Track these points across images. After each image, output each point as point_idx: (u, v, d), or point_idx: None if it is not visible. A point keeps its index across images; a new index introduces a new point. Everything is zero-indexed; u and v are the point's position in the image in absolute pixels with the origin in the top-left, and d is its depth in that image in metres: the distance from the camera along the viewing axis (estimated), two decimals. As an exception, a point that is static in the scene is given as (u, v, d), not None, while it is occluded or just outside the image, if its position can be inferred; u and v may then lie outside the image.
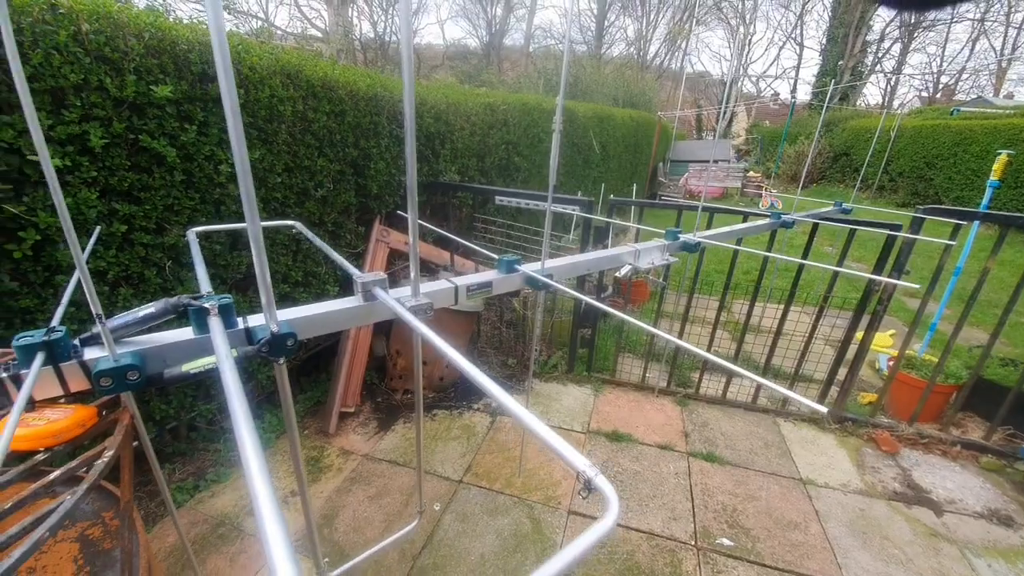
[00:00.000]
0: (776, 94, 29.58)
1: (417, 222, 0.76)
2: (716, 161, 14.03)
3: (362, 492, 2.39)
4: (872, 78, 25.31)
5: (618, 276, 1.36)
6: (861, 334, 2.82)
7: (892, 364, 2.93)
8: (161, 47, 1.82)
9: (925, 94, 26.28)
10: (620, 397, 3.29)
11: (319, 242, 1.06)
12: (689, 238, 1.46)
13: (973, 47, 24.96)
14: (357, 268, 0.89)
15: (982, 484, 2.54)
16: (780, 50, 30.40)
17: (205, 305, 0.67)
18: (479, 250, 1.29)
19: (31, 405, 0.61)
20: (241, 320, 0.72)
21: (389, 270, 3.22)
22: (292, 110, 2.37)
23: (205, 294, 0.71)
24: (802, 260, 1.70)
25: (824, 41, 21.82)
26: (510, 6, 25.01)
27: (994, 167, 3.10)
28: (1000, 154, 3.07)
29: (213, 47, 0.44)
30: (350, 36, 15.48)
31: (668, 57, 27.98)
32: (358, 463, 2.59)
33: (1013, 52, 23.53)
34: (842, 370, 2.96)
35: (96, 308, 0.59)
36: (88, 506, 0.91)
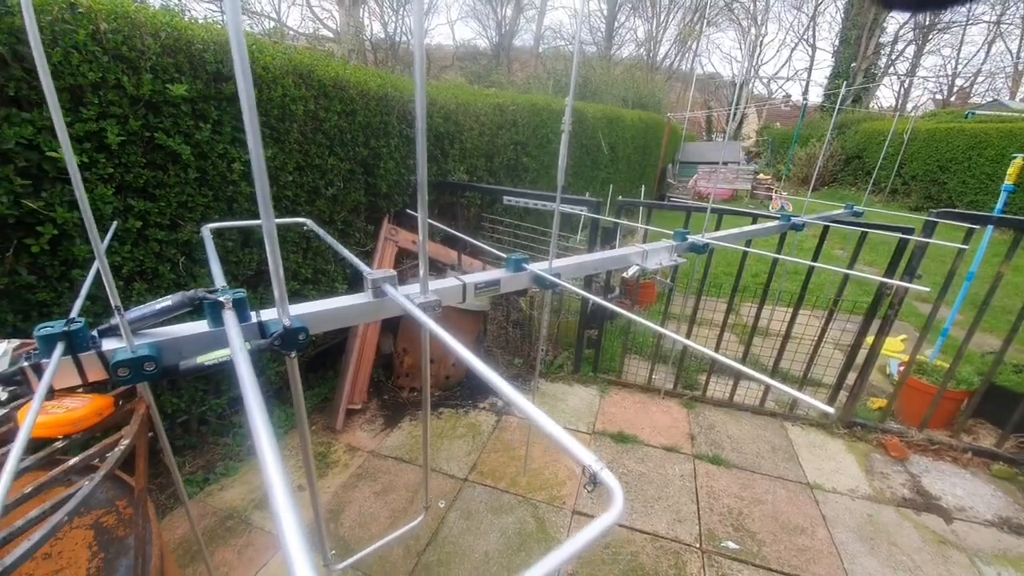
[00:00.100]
0: (788, 96, 29.33)
1: (427, 221, 0.78)
2: (726, 163, 13.94)
3: (368, 488, 2.41)
4: (885, 80, 25.01)
5: (625, 277, 1.37)
6: (871, 338, 2.79)
7: (903, 369, 2.90)
8: (177, 46, 1.85)
9: (939, 97, 25.91)
10: (626, 398, 3.28)
11: (330, 239, 1.08)
12: (697, 239, 1.46)
13: (989, 49, 24.59)
14: (366, 266, 0.91)
15: (993, 492, 2.50)
16: (792, 52, 30.15)
17: (220, 299, 0.68)
18: (487, 249, 1.30)
19: (50, 394, 0.63)
20: (254, 314, 0.74)
21: (397, 268, 3.24)
22: (304, 109, 2.40)
23: (220, 288, 0.73)
24: (812, 263, 1.69)
25: (837, 43, 21.60)
26: (520, 7, 25.04)
27: (1009, 171, 3.06)
28: (1016, 158, 3.03)
29: (232, 47, 0.45)
30: (361, 37, 15.58)
31: (678, 58, 27.87)
32: (364, 459, 2.61)
33: (1031, 55, 23.16)
34: (851, 375, 2.94)
35: (115, 300, 0.61)
36: (102, 494, 0.93)
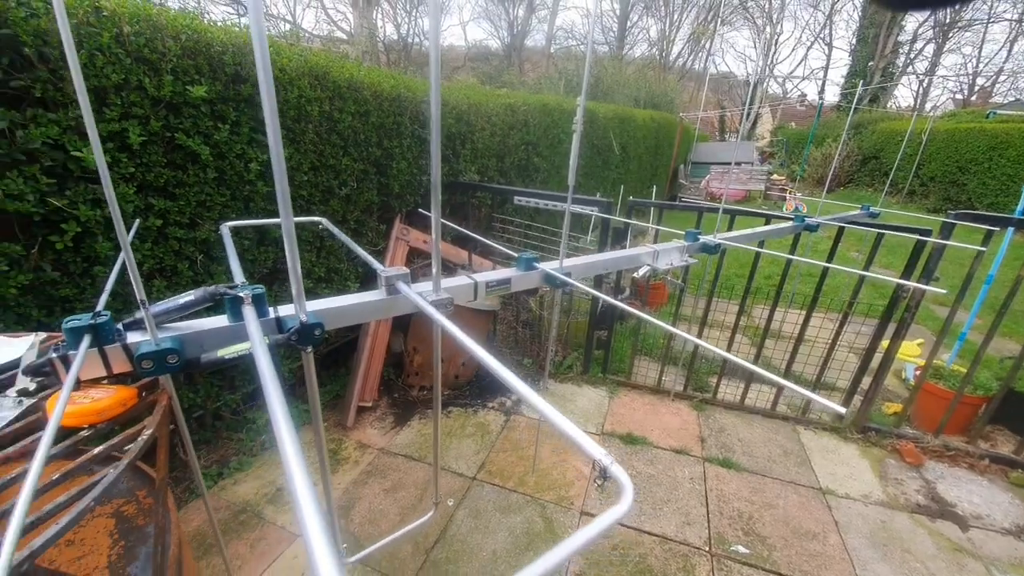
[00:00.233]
0: (803, 95, 28.91)
1: (440, 220, 0.79)
2: (739, 163, 13.80)
3: (378, 485, 2.43)
4: (904, 79, 24.53)
5: (636, 277, 1.37)
6: (887, 342, 2.75)
7: (919, 373, 2.85)
8: (197, 48, 1.89)
9: (959, 96, 25.31)
10: (635, 400, 3.27)
11: (345, 238, 1.10)
12: (709, 239, 1.46)
13: (1011, 48, 23.93)
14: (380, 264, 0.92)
15: (1011, 500, 2.45)
16: (808, 50, 29.68)
17: (240, 294, 0.70)
18: (499, 248, 1.31)
19: (77, 384, 0.65)
20: (272, 310, 0.76)
21: (408, 267, 3.26)
22: (319, 110, 2.43)
23: (239, 284, 0.75)
24: (826, 263, 1.68)
25: (854, 41, 21.25)
26: (532, 7, 25.05)
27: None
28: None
29: (254, 51, 0.46)
30: (374, 38, 15.71)
31: (691, 58, 27.64)
32: (374, 456, 2.64)
33: (1055, 53, 22.55)
34: (866, 379, 2.89)
35: (140, 294, 0.63)
36: (123, 484, 0.96)
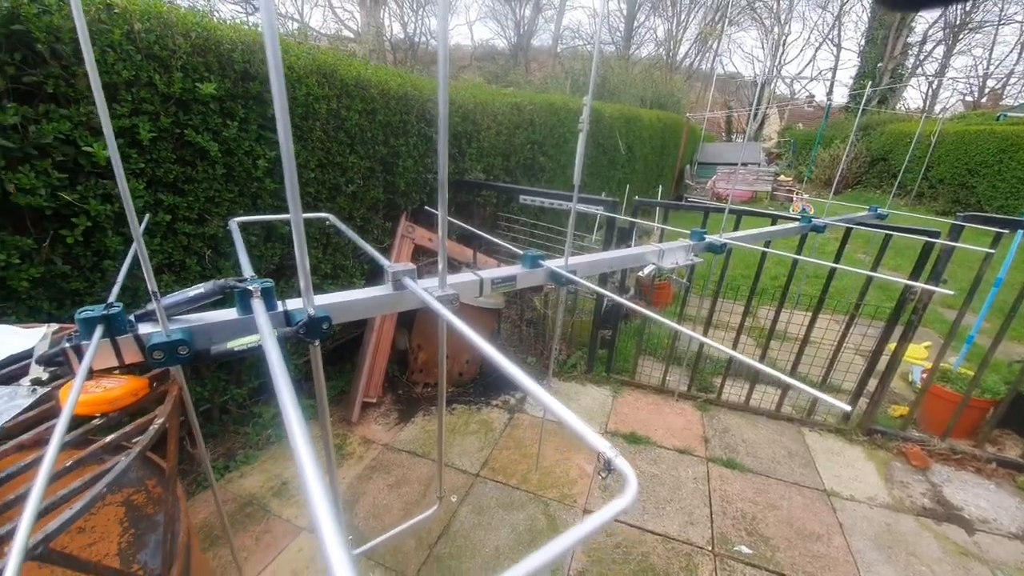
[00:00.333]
0: (811, 96, 28.71)
1: (446, 217, 0.79)
2: (745, 164, 13.73)
3: (382, 480, 2.44)
4: (913, 81, 24.28)
5: (641, 276, 1.37)
6: (894, 345, 2.73)
7: (926, 376, 2.83)
8: (206, 46, 1.91)
9: (970, 98, 25.03)
10: (639, 399, 3.27)
11: (352, 234, 1.11)
12: (715, 239, 1.46)
13: (1022, 50, 23.66)
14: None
15: (1018, 504, 2.43)
16: (816, 51, 29.46)
17: (249, 288, 0.71)
18: (504, 245, 1.32)
19: (89, 374, 0.66)
20: (280, 304, 0.77)
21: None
22: (327, 108, 2.45)
23: (248, 278, 0.76)
24: (833, 264, 1.67)
25: (863, 42, 21.07)
26: (539, 7, 24.99)
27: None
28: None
29: (266, 49, 0.47)
30: (381, 37, 15.75)
31: (698, 58, 27.49)
32: (378, 452, 2.65)
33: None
34: (872, 381, 2.88)
35: (152, 286, 0.64)
36: (133, 474, 0.97)
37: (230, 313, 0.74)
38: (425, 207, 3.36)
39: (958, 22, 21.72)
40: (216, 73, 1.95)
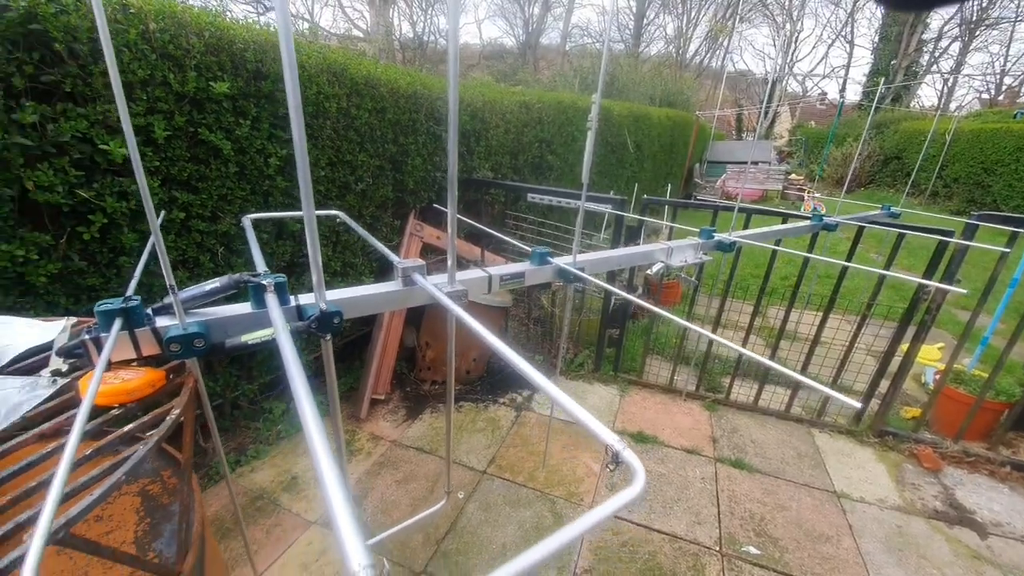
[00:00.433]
0: (823, 94, 28.32)
1: (456, 215, 0.80)
2: (756, 163, 13.60)
3: (390, 476, 2.46)
4: (928, 78, 23.86)
5: (649, 274, 1.37)
6: (906, 345, 2.69)
7: (939, 378, 2.79)
8: (220, 45, 1.93)
9: (986, 96, 24.53)
10: (647, 399, 3.26)
11: (362, 231, 1.12)
12: (724, 237, 1.45)
13: (1042, 47, 23.15)
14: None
15: (1034, 508, 2.39)
16: (829, 48, 29.08)
17: (263, 282, 0.73)
18: (512, 242, 1.32)
19: (107, 365, 0.68)
20: (293, 298, 0.78)
21: (422, 263, 3.29)
22: (337, 107, 2.47)
23: (262, 273, 0.77)
24: (845, 262, 1.65)
25: (876, 39, 20.75)
26: (548, 5, 24.91)
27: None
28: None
29: (281, 49, 0.48)
30: (391, 36, 15.81)
31: (708, 55, 27.26)
32: (386, 448, 2.67)
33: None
34: (884, 382, 2.84)
35: (169, 279, 0.65)
36: (148, 465, 0.99)
37: (244, 307, 0.75)
38: (434, 205, 3.38)
39: (974, 18, 21.31)
40: (229, 72, 1.97)
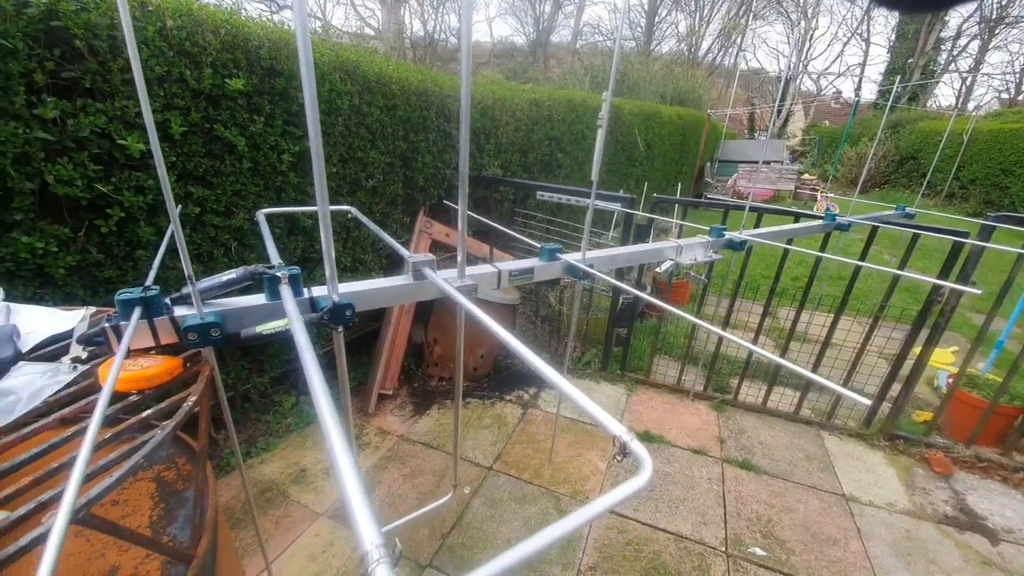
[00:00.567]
0: (838, 92, 27.91)
1: (466, 211, 0.81)
2: (768, 162, 13.45)
3: (397, 470, 2.49)
4: (945, 77, 23.41)
5: (658, 272, 1.36)
6: (919, 348, 2.66)
7: (951, 382, 2.75)
8: (235, 43, 1.96)
9: (1005, 95, 24.01)
10: (654, 398, 3.25)
11: (373, 226, 1.13)
12: (735, 236, 1.44)
13: (1066, 45, 22.60)
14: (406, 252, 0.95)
15: (1048, 516, 2.35)
16: (844, 46, 28.61)
17: (277, 274, 0.74)
18: (521, 238, 1.33)
19: (127, 352, 0.70)
20: (306, 291, 0.79)
21: (431, 260, 3.31)
22: (349, 104, 2.49)
23: (276, 265, 0.79)
24: (858, 262, 1.64)
25: (893, 37, 20.43)
26: (559, 3, 24.84)
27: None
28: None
29: (298, 47, 0.49)
30: (402, 34, 15.88)
31: (721, 53, 26.99)
32: (394, 443, 2.69)
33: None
34: (896, 385, 2.81)
35: (188, 270, 0.67)
36: (163, 451, 1.01)
37: (259, 298, 0.77)
38: (444, 202, 3.39)
39: (994, 16, 20.87)
40: (244, 69, 2.00)
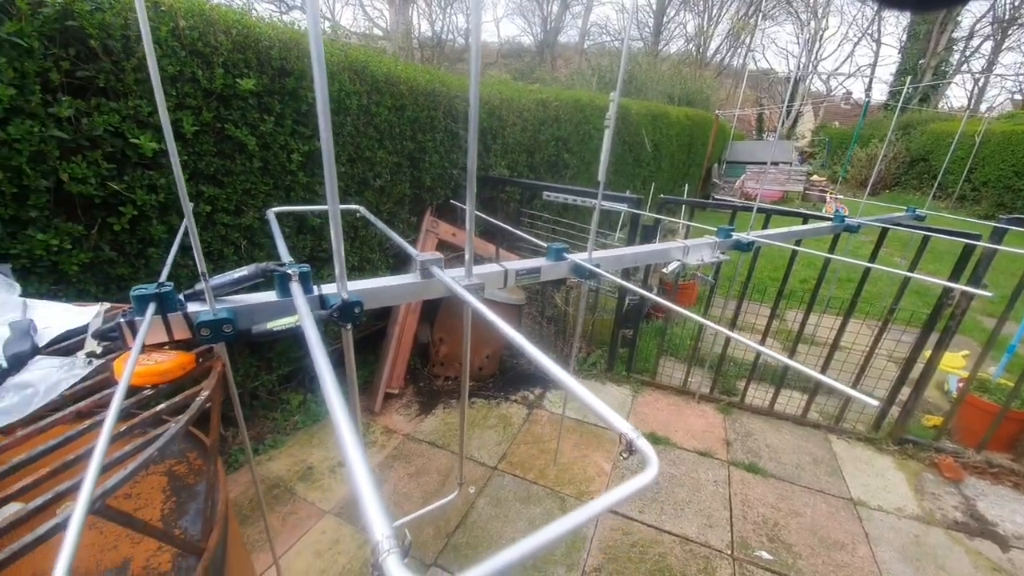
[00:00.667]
0: (848, 93, 27.67)
1: (474, 211, 0.81)
2: (776, 163, 13.35)
3: (403, 469, 2.50)
4: (957, 78, 23.12)
5: (665, 273, 1.36)
6: (929, 352, 2.63)
7: (962, 386, 2.72)
8: (246, 43, 1.98)
9: (1019, 97, 23.66)
10: (659, 400, 3.24)
11: (381, 224, 1.14)
12: (742, 236, 1.44)
13: (1080, 47, 22.19)
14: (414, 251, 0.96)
15: (1061, 523, 2.32)
16: (854, 46, 28.33)
17: (288, 272, 0.75)
18: (528, 238, 1.33)
19: (142, 347, 0.71)
20: (316, 288, 0.80)
21: (437, 260, 3.33)
22: (358, 104, 2.50)
23: (287, 263, 0.80)
24: (867, 263, 1.62)
25: (904, 38, 20.21)
26: (566, 3, 24.82)
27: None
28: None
29: (311, 47, 0.50)
30: (410, 35, 15.94)
31: (730, 53, 26.83)
32: (400, 442, 2.71)
33: None
34: (905, 389, 2.78)
35: (201, 266, 0.68)
36: (175, 446, 1.03)
37: (270, 295, 0.78)
38: (450, 201, 3.41)
39: (1007, 17, 20.59)
40: (255, 69, 2.02)
